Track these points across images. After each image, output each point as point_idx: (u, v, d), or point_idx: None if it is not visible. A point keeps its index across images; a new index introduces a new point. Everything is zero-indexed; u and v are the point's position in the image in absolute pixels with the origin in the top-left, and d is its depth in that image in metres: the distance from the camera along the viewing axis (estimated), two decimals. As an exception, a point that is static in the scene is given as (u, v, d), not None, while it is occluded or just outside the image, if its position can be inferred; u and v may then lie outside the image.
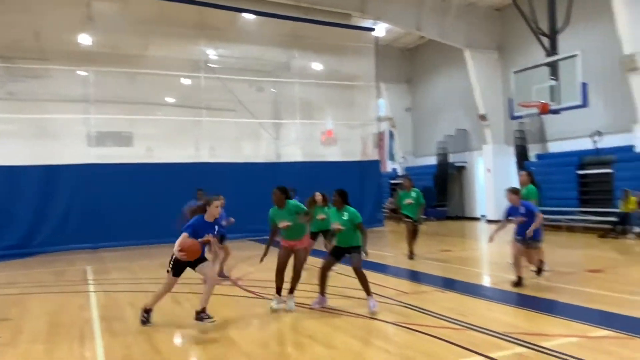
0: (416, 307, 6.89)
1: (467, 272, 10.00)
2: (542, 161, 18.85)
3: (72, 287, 9.47)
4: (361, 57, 20.32)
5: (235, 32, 18.91)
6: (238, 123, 20.92)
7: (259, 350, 5.37)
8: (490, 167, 21.13)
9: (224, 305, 7.50)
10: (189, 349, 5.77)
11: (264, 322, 6.59)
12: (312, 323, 6.34)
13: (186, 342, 5.97)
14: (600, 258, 11.01)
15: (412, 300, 7.26)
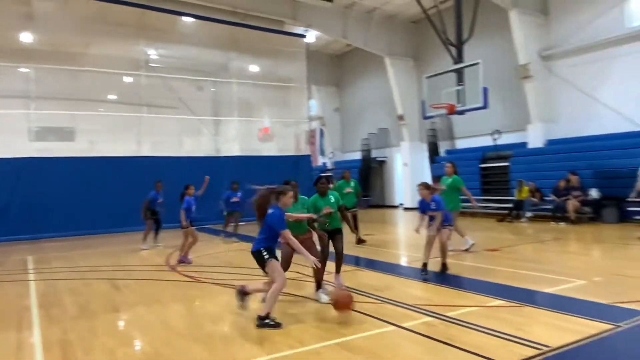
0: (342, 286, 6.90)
1: (386, 253, 10.20)
2: (450, 156, 19.50)
3: (12, 277, 8.81)
4: (294, 61, 20.24)
5: (175, 34, 18.27)
6: (179, 120, 20.27)
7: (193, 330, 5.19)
8: (407, 161, 21.69)
9: (162, 290, 7.22)
10: (126, 332, 5.49)
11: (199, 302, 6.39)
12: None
13: (124, 326, 5.68)
14: (498, 239, 11.53)
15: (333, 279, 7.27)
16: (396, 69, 21.27)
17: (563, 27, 15.97)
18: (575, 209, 13.37)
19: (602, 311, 5.20)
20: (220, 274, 8.22)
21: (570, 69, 15.82)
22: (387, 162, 24.32)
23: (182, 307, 6.17)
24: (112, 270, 8.98)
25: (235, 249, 11.19)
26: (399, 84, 21.32)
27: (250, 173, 18.32)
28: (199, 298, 6.64)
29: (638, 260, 8.29)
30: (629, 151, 12.92)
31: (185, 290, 7.17)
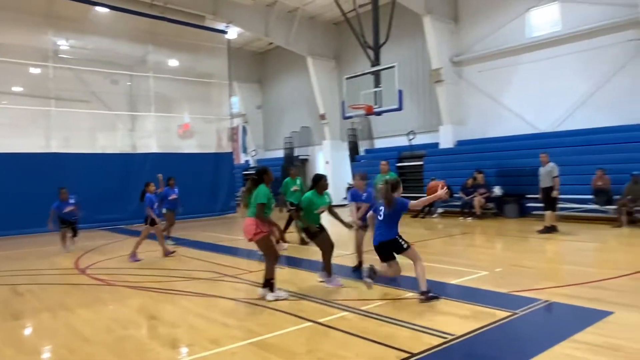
0: (257, 283, 6.83)
1: (306, 250, 10.24)
2: (369, 155, 20.08)
3: None
4: (215, 56, 19.77)
5: (88, 24, 17.15)
6: (92, 114, 19.05)
7: (102, 335, 4.90)
8: (328, 159, 22.01)
9: (69, 295, 6.75)
10: (27, 340, 5.07)
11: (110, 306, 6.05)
12: (157, 305, 5.99)
13: (25, 334, 5.24)
14: (412, 234, 11.96)
15: (255, 278, 7.21)
16: (318, 68, 21.49)
17: (472, 34, 16.96)
18: (481, 205, 14.26)
19: (501, 300, 5.58)
20: (134, 276, 7.84)
21: (478, 75, 16.84)
22: (310, 160, 24.51)
23: (91, 312, 5.81)
24: (14, 275, 8.26)
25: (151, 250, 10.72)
26: (320, 83, 21.56)
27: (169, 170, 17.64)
28: (109, 302, 6.28)
29: (534, 252, 9.00)
30: (529, 152, 13.98)
31: (95, 294, 6.76)
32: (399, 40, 18.93)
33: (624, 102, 13.46)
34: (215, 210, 18.51)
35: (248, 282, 7.01)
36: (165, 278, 7.56)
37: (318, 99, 21.77)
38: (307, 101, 24.14)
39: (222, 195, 18.95)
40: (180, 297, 6.28)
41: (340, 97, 20.67)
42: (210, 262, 8.80)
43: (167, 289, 6.76)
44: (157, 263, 9.05)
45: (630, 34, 13.17)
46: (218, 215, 18.41)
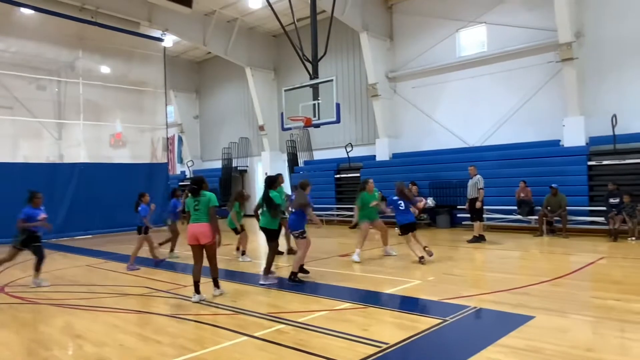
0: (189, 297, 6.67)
1: (242, 263, 10.12)
2: (308, 166, 20.22)
3: None
4: (150, 64, 19.22)
5: (11, 26, 16.12)
6: (15, 121, 17.87)
7: (23, 358, 4.57)
8: (267, 171, 21.87)
9: (-17, 315, 6.25)
10: None
11: (31, 326, 5.66)
12: (84, 323, 5.68)
13: None
14: (350, 245, 12.11)
15: (188, 292, 7.01)
16: (257, 79, 21.43)
17: (406, 51, 17.61)
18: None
19: (433, 307, 5.78)
20: (58, 292, 7.40)
21: (412, 90, 17.49)
22: (248, 171, 24.29)
23: (10, 333, 5.40)
24: None
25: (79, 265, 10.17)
26: (259, 94, 21.50)
27: (100, 181, 16.95)
28: (30, 322, 5.87)
29: (464, 260, 9.41)
30: (459, 165, 14.63)
31: (14, 313, 6.30)
32: (338, 55, 19.35)
33: (544, 119, 14.47)
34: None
35: (182, 297, 6.81)
36: (92, 295, 7.19)
37: (257, 110, 21.69)
38: (246, 112, 23.99)
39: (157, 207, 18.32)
40: (109, 315, 6.00)
41: (279, 109, 20.70)
42: (142, 277, 8.48)
43: (95, 306, 6.43)
44: (84, 279, 8.59)
45: (550, 56, 14.20)
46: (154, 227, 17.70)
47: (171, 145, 25.46)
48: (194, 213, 6.59)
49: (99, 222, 16.69)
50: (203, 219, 6.54)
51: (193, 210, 6.61)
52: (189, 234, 6.59)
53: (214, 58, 24.73)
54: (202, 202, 6.58)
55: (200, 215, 6.55)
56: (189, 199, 6.70)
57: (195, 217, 6.57)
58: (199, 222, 6.54)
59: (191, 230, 6.57)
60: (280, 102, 20.28)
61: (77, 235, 15.98)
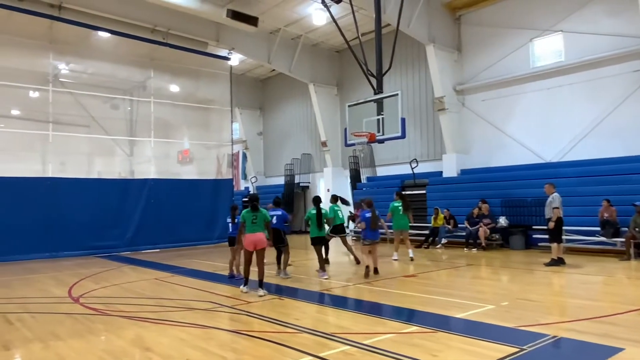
0: (256, 314, 6.81)
1: (306, 280, 10.18)
2: (371, 183, 20.14)
3: None
4: (217, 82, 20.07)
5: (88, 48, 17.46)
6: (91, 139, 19.23)
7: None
8: (329, 187, 22.03)
9: (61, 325, 6.68)
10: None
11: (103, 337, 5.98)
12: (153, 336, 5.92)
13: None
14: (415, 265, 11.93)
15: (252, 309, 7.16)
16: (320, 95, 21.75)
17: (475, 63, 17.23)
18: (486, 236, 14.21)
19: (508, 335, 5.51)
20: (129, 305, 7.78)
21: (482, 103, 17.03)
22: (310, 187, 24.56)
23: (83, 342, 5.74)
24: (5, 303, 8.20)
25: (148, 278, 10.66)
26: (322, 110, 21.78)
27: (168, 196, 17.78)
28: (102, 332, 6.21)
29: (541, 284, 8.93)
30: (533, 182, 14.02)
31: (87, 324, 6.69)
32: (403, 69, 19.27)
33: (629, 133, 13.57)
34: (212, 238, 18.42)
35: (246, 313, 6.94)
36: (160, 308, 7.50)
37: (320, 126, 21.97)
38: (308, 128, 24.37)
39: (220, 222, 18.92)
40: (176, 328, 6.22)
41: (342, 124, 20.87)
42: (207, 291, 8.74)
43: (163, 319, 6.70)
44: (152, 292, 8.98)
45: (635, 65, 13.37)
46: (215, 243, 18.32)
47: (235, 162, 26.27)
48: (252, 225, 8.17)
49: (166, 237, 17.45)
50: (260, 229, 8.21)
51: (251, 223, 8.17)
52: (249, 242, 8.17)
53: (277, 75, 25.41)
54: (259, 217, 8.22)
55: (258, 227, 8.19)
56: (248, 213, 8.20)
57: (253, 229, 8.17)
58: (257, 232, 8.18)
59: (251, 239, 8.17)
60: (343, 117, 20.54)
61: (145, 249, 16.77)
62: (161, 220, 17.35)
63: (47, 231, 14.97)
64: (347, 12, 16.03)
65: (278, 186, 25.05)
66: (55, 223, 15.11)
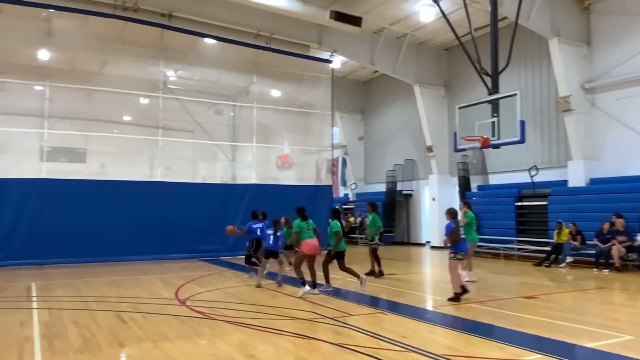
0: (360, 328, 6.84)
1: (410, 295, 10.05)
2: (483, 192, 19.37)
3: (14, 304, 8.92)
4: (318, 86, 20.55)
5: (195, 55, 18.78)
6: (195, 144, 20.66)
7: (202, 371, 5.17)
8: (435, 195, 21.55)
9: (169, 326, 7.22)
10: (131, 369, 5.50)
11: (209, 341, 6.37)
12: (257, 343, 6.19)
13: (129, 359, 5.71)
14: (535, 285, 11.29)
15: (356, 322, 7.21)
16: (426, 97, 21.38)
17: (608, 57, 15.93)
18: (621, 256, 13.03)
19: (653, 372, 5.02)
20: (233, 310, 8.21)
21: (616, 103, 15.68)
22: (414, 195, 24.20)
23: (191, 345, 6.16)
24: (119, 302, 9.04)
25: (250, 284, 11.17)
26: (428, 113, 21.39)
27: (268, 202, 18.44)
28: (208, 336, 6.62)
29: (692, 315, 8.02)
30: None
31: (194, 326, 7.16)
32: (521, 66, 18.33)
33: None
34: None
35: (349, 326, 7.01)
36: (263, 315, 7.82)
37: (425, 129, 21.59)
38: (412, 132, 24.06)
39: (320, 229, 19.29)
40: (279, 337, 6.45)
41: (449, 128, 20.35)
42: (308, 301, 8.95)
43: (266, 326, 6.98)
44: (253, 299, 9.39)
45: None
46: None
47: (335, 167, 26.66)
48: (308, 232, 9.61)
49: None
50: (314, 236, 9.66)
51: (306, 230, 9.62)
52: (312, 247, 9.54)
53: (380, 77, 25.44)
54: (310, 224, 9.75)
55: (312, 234, 9.65)
56: (302, 222, 9.61)
57: (310, 235, 9.62)
58: (313, 238, 9.63)
59: (313, 244, 9.60)
60: (450, 120, 20.01)
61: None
62: (264, 226, 18.08)
63: (155, 234, 16.27)
64: (458, 7, 15.66)
65: (379, 193, 25.00)
66: (162, 226, 16.37)
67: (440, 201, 21.18)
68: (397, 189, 24.14)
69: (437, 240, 20.78)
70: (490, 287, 10.62)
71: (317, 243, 9.63)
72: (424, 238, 23.30)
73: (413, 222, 24.42)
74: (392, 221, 24.07)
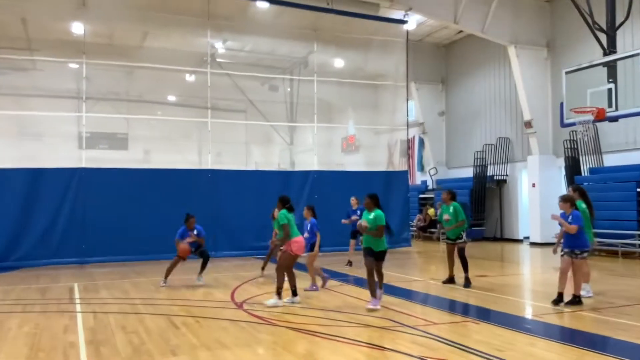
0: (445, 339, 6.85)
1: (506, 301, 9.91)
2: (596, 176, 18.65)
3: (57, 307, 9.59)
4: (389, 53, 20.36)
5: (246, 23, 19.08)
6: (248, 126, 21.12)
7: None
8: (535, 181, 20.98)
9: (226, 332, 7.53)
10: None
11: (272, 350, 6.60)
12: (325, 353, 6.35)
13: (182, 371, 6.02)
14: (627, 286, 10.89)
15: (440, 332, 7.22)
16: (524, 61, 20.74)
17: None
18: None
19: None
20: (296, 315, 8.43)
21: None
22: (508, 181, 23.65)
23: (250, 354, 6.41)
24: (169, 305, 9.50)
25: (313, 287, 11.41)
26: (526, 80, 20.77)
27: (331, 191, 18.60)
28: (270, 344, 6.85)
29: None
30: None
31: (254, 333, 7.43)
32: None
33: None
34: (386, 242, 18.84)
35: (432, 336, 7.03)
36: (331, 322, 7.99)
37: (523, 100, 20.99)
38: (506, 104, 23.43)
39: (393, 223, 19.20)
40: (352, 347, 6.58)
41: (554, 98, 19.71)
42: (384, 307, 9.03)
43: (335, 335, 7.12)
44: (320, 303, 9.59)
45: None
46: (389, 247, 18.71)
47: (411, 150, 26.47)
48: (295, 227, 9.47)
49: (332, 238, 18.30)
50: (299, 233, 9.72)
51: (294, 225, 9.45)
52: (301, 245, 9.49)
53: (465, 38, 24.94)
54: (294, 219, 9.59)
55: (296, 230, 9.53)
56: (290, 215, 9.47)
57: (297, 232, 9.57)
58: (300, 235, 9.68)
59: (302, 243, 9.56)
60: (556, 89, 19.38)
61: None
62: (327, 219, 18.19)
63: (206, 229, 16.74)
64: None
65: (465, 179, 24.62)
66: (213, 220, 16.87)
67: (542, 188, 20.61)
68: (487, 174, 23.67)
69: (538, 235, 20.25)
70: (606, 292, 10.26)
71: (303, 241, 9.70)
72: (522, 233, 22.78)
73: (507, 214, 23.90)
74: (481, 213, 23.68)
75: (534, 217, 20.83)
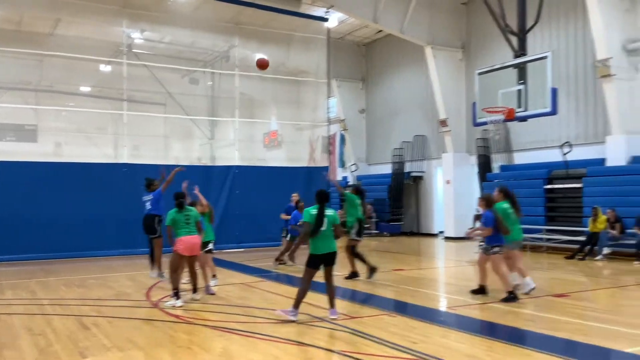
0: (361, 332, 6.90)
1: (421, 294, 10.14)
2: (506, 173, 19.44)
3: (-46, 308, 8.95)
4: (311, 50, 20.41)
5: (165, 14, 18.53)
6: (167, 119, 20.55)
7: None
8: (450, 178, 21.62)
9: (140, 332, 7.25)
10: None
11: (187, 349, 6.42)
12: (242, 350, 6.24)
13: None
14: (567, 281, 11.41)
15: (356, 325, 7.26)
16: (440, 61, 21.30)
17: (654, 13, 15.92)
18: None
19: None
20: (213, 313, 8.26)
21: (664, 68, 15.72)
22: (425, 178, 24.28)
23: (166, 354, 6.20)
24: (80, 305, 9.07)
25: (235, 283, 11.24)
26: (442, 80, 21.34)
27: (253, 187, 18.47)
28: (186, 343, 6.66)
29: None
30: None
31: (169, 332, 7.22)
32: (553, 23, 18.28)
33: None
34: (305, 235, 18.90)
35: (349, 330, 7.07)
36: (249, 318, 7.88)
37: (438, 100, 21.56)
38: (423, 103, 24.02)
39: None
40: (268, 343, 6.51)
41: (468, 98, 20.33)
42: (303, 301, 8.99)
43: (252, 332, 7.03)
44: (239, 300, 9.46)
45: None
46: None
47: (332, 146, 26.62)
48: (186, 227, 8.82)
49: (253, 234, 18.15)
50: (194, 232, 8.92)
51: (185, 224, 8.82)
52: (186, 246, 8.75)
53: (385, 38, 25.35)
54: (192, 216, 8.96)
55: (192, 228, 8.88)
56: (178, 214, 8.83)
57: (188, 231, 8.82)
58: (193, 234, 8.88)
59: (192, 242, 8.83)
60: (470, 89, 19.95)
61: (229, 248, 17.54)
62: (247, 215, 18.04)
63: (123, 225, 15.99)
64: (478, -47, 15.59)
65: (383, 176, 25.08)
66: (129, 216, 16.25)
67: (456, 184, 21.31)
68: (404, 171, 24.21)
69: (452, 229, 20.92)
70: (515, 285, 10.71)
71: (196, 241, 8.91)
72: (437, 228, 23.45)
73: (424, 209, 24.55)
74: (399, 208, 24.18)
75: (449, 212, 21.48)
